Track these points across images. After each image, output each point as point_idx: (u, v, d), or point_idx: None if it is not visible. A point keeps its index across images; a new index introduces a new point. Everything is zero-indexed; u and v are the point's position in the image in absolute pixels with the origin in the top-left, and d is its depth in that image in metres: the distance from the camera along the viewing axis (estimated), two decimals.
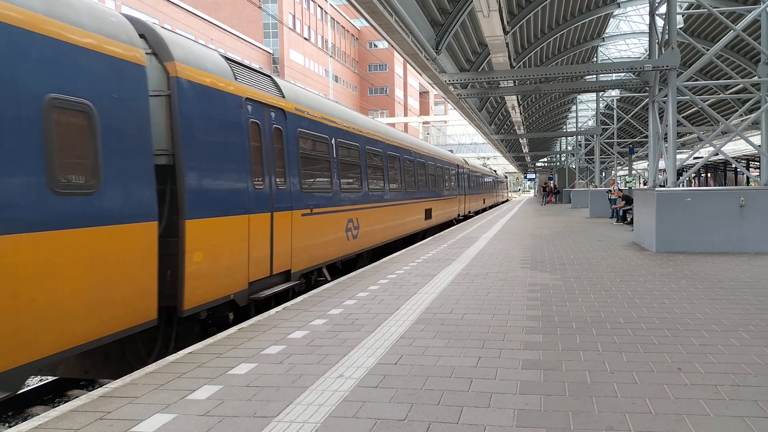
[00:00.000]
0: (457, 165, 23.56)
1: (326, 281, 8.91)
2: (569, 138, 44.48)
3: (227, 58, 6.69)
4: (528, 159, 62.20)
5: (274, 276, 7.29)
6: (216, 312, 6.30)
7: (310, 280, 8.70)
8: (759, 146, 12.39)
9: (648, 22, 14.56)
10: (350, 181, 10.13)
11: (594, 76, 20.35)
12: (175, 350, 5.69)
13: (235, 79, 6.53)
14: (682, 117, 18.09)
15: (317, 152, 8.76)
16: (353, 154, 10.39)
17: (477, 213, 31.00)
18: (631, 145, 32.10)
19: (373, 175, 11.57)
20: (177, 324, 5.76)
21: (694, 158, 29.66)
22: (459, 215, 23.54)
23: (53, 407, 6.03)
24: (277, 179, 7.30)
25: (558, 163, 54.94)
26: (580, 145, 37.13)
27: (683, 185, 13.21)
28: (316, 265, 8.59)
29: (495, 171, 49.01)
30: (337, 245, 9.40)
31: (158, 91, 5.44)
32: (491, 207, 40.06)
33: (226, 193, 6.08)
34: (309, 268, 8.32)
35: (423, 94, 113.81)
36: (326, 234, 8.89)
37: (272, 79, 7.75)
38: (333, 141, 9.34)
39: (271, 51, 63.97)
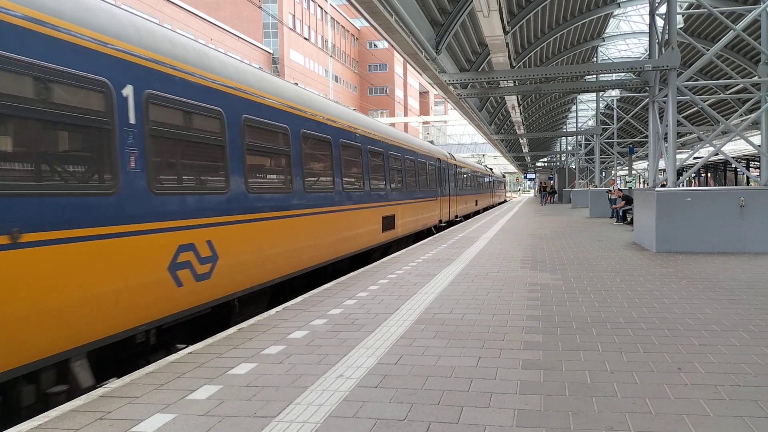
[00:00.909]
0: (439, 159, 19.73)
1: (81, 391, 4.33)
2: (569, 138, 44.49)
3: None
4: (528, 159, 62.24)
5: None
6: None
7: (29, 393, 4.10)
8: (759, 146, 12.40)
9: (648, 22, 14.57)
10: (190, 174, 5.79)
11: (594, 76, 20.35)
12: None
13: None
14: (682, 117, 18.10)
15: (66, 109, 4.23)
16: (208, 126, 6.01)
17: (467, 217, 27.47)
18: (631, 145, 32.11)
19: (261, 166, 7.32)
20: None
21: (694, 158, 29.65)
22: (441, 221, 19.86)
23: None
24: None
25: (558, 163, 54.97)
26: (580, 145, 37.14)
27: (683, 185, 13.21)
28: (38, 361, 3.99)
29: (491, 169, 46.92)
30: (141, 299, 4.92)
31: None
32: (486, 209, 37.46)
33: None
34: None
35: (423, 94, 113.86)
36: (85, 285, 4.33)
37: None
38: (128, 92, 4.85)
39: (271, 51, 64.01)
